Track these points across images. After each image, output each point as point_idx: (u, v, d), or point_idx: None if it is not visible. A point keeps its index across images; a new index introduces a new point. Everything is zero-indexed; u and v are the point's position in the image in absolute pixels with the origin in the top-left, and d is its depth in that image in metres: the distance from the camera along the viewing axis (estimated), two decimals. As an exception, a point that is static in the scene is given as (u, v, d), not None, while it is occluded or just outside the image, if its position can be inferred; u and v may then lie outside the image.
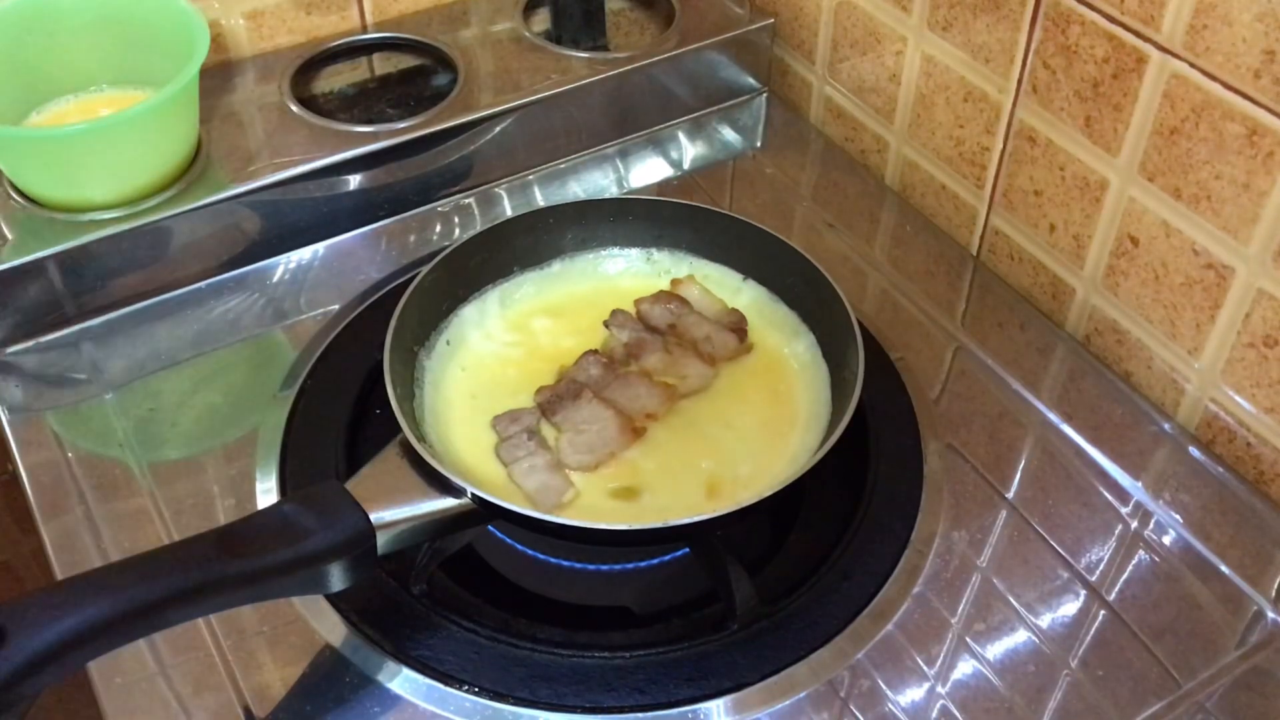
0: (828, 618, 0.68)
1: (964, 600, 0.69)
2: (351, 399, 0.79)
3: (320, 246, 0.92)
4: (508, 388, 0.74)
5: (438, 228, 0.95)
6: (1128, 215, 0.79)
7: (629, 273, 0.82)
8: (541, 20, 1.07)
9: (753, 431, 0.73)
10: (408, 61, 1.03)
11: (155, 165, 0.85)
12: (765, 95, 1.09)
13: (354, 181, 0.91)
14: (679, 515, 0.65)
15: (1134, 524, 0.74)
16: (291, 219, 0.90)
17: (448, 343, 0.76)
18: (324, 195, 0.91)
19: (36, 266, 0.82)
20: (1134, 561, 0.72)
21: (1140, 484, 0.76)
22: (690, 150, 1.04)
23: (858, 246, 0.94)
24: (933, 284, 0.90)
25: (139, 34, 0.88)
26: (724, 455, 0.71)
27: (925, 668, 0.66)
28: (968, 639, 0.68)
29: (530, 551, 0.73)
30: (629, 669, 0.65)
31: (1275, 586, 0.70)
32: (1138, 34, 0.73)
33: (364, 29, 1.03)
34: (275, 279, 0.90)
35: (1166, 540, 0.73)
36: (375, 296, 0.87)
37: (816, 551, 0.72)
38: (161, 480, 0.75)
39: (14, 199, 0.86)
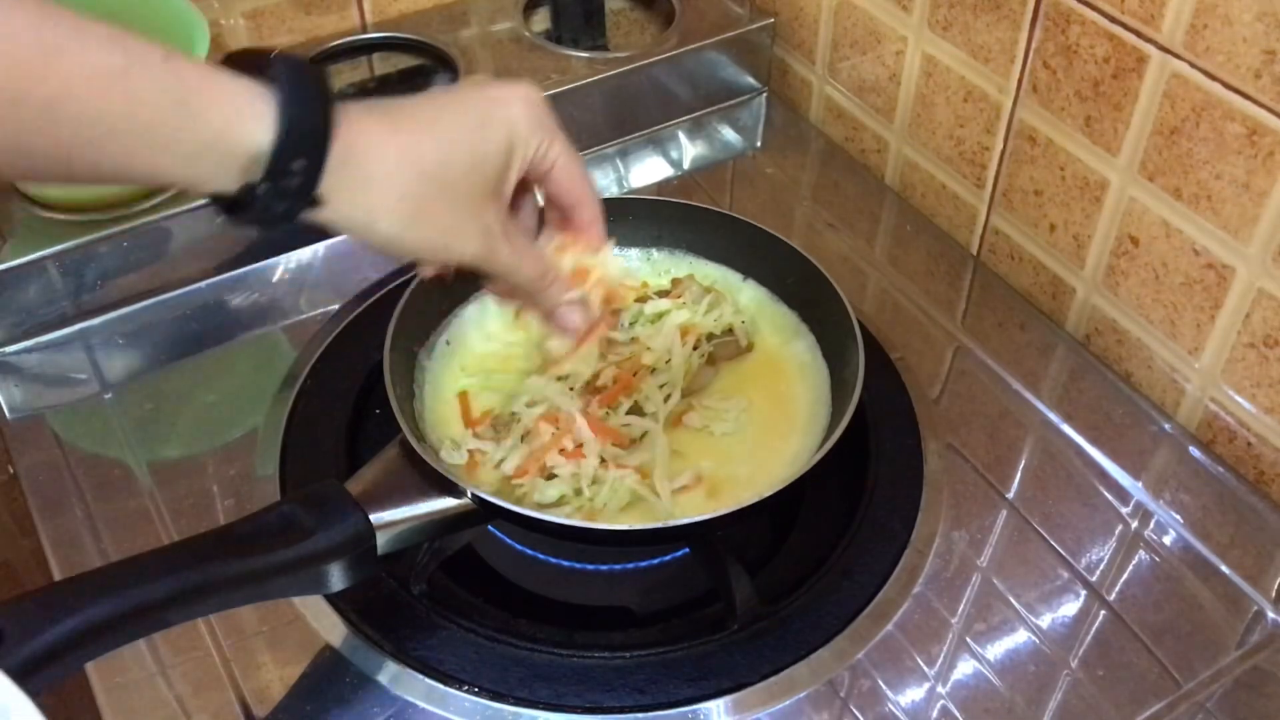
0: (828, 618, 0.68)
1: (964, 600, 0.69)
2: (351, 399, 0.79)
3: (320, 246, 0.92)
4: (508, 389, 0.74)
5: (438, 228, 0.95)
6: (1128, 215, 0.79)
7: (629, 272, 0.82)
8: (541, 20, 1.07)
9: (753, 431, 0.73)
10: (408, 61, 1.03)
11: (155, 165, 0.85)
12: (765, 95, 1.09)
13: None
14: (679, 515, 0.65)
15: (1134, 524, 0.74)
16: (291, 219, 0.90)
17: (448, 343, 0.76)
18: (324, 195, 0.90)
19: (36, 266, 0.82)
20: (1134, 561, 0.72)
21: (1140, 484, 0.76)
22: (690, 150, 1.04)
23: (858, 246, 0.94)
24: (933, 284, 0.90)
25: (139, 33, 0.88)
26: (724, 455, 0.71)
27: (925, 668, 0.66)
28: (968, 639, 0.68)
29: (530, 551, 0.73)
30: (629, 669, 0.65)
31: (1275, 586, 0.70)
32: (1138, 34, 0.73)
33: (364, 29, 1.03)
34: (275, 279, 0.90)
35: (1166, 540, 0.73)
36: (375, 296, 0.87)
37: (816, 551, 0.72)
38: (161, 480, 0.75)
39: (14, 199, 0.86)
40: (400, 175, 0.55)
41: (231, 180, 0.51)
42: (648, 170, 1.02)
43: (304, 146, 0.51)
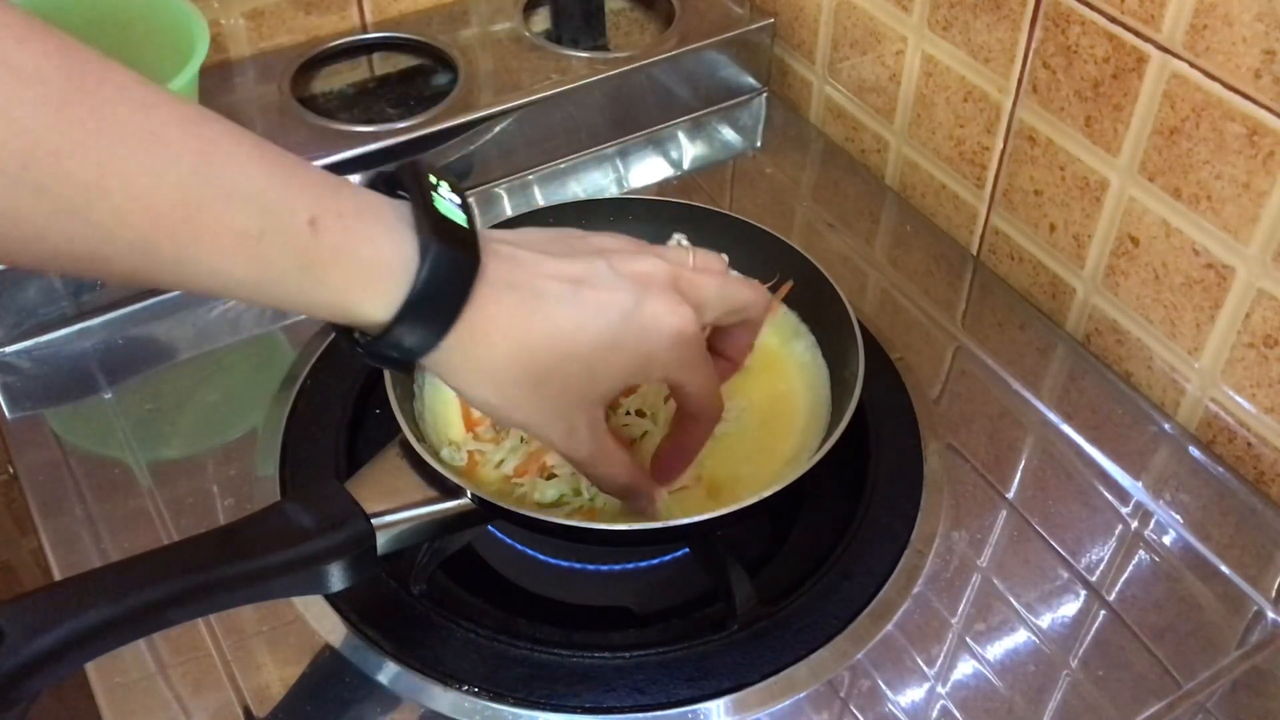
0: (828, 618, 0.68)
1: (964, 600, 0.69)
2: (351, 399, 0.79)
3: (320, 246, 0.92)
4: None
5: (438, 227, 0.95)
6: (1128, 215, 0.79)
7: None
8: (541, 20, 1.07)
9: (753, 431, 0.73)
10: (408, 61, 1.03)
11: (155, 165, 0.85)
12: (765, 95, 1.09)
13: (354, 181, 0.91)
14: (679, 515, 0.65)
15: (1134, 524, 0.74)
16: (291, 219, 0.90)
17: (448, 343, 0.76)
18: (324, 195, 0.90)
19: (36, 266, 0.82)
20: (1134, 561, 0.72)
21: (1140, 484, 0.76)
22: (690, 150, 1.04)
23: (858, 246, 0.94)
24: (933, 284, 0.90)
25: (139, 33, 0.88)
26: (724, 455, 0.71)
27: (925, 668, 0.66)
28: (968, 639, 0.68)
29: (530, 551, 0.73)
30: (629, 669, 0.65)
31: (1275, 586, 0.70)
32: (1138, 34, 0.73)
33: (364, 29, 1.03)
34: (275, 279, 0.90)
35: (1166, 540, 0.73)
36: (375, 296, 0.87)
37: (816, 551, 0.72)
38: (161, 480, 0.75)
39: (14, 199, 0.85)
40: (506, 369, 0.53)
41: (342, 323, 0.52)
42: (648, 170, 1.02)
43: (418, 333, 0.50)
